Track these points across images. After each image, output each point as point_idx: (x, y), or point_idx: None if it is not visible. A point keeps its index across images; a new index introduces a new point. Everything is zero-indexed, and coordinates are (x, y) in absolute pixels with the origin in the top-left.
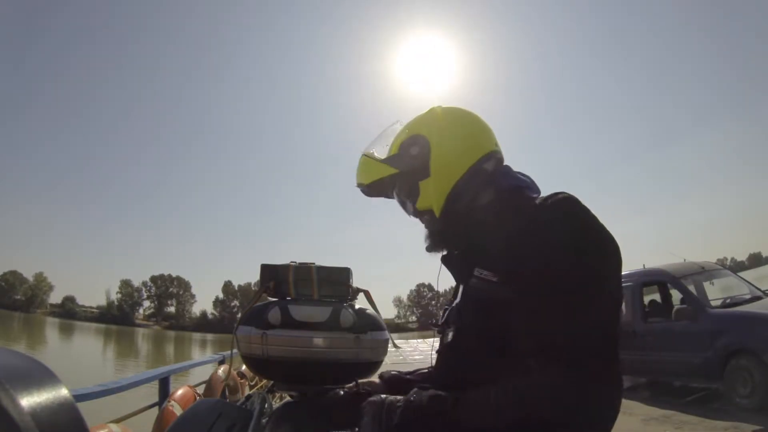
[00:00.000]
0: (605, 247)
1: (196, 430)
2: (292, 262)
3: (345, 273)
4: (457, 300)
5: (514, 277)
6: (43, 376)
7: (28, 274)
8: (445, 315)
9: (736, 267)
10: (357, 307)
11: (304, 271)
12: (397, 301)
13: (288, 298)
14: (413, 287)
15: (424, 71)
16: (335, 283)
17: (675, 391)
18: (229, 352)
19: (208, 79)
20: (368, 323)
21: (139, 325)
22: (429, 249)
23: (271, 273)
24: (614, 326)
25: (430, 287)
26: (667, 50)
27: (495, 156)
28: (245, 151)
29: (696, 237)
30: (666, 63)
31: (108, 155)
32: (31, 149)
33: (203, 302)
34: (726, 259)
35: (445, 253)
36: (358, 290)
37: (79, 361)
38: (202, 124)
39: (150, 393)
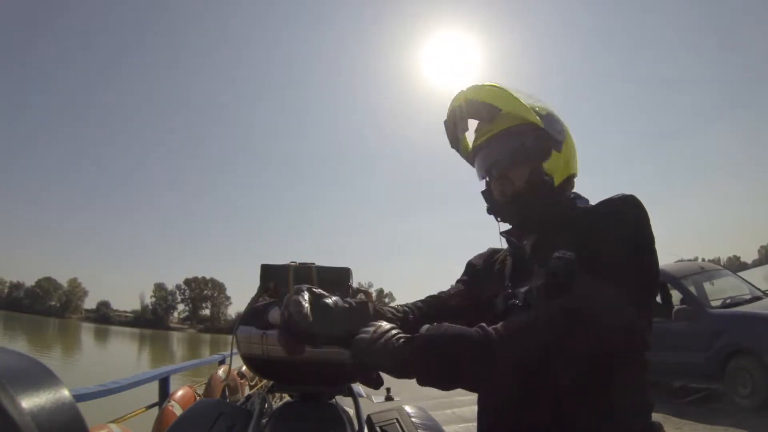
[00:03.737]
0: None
1: (196, 430)
2: (292, 262)
3: (345, 273)
4: (531, 282)
5: (587, 255)
6: (43, 376)
7: (63, 281)
8: (512, 299)
9: None
10: None
11: (304, 271)
12: None
13: None
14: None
15: (442, 70)
16: (335, 284)
17: (675, 392)
18: (229, 352)
19: (232, 82)
20: None
21: (174, 329)
22: (510, 215)
23: (271, 273)
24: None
25: None
26: (670, 48)
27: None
28: (280, 152)
29: (728, 228)
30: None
31: (142, 162)
32: (63, 157)
33: (238, 304)
34: (763, 248)
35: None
36: (359, 291)
37: (112, 364)
38: (237, 125)
39: (150, 393)
